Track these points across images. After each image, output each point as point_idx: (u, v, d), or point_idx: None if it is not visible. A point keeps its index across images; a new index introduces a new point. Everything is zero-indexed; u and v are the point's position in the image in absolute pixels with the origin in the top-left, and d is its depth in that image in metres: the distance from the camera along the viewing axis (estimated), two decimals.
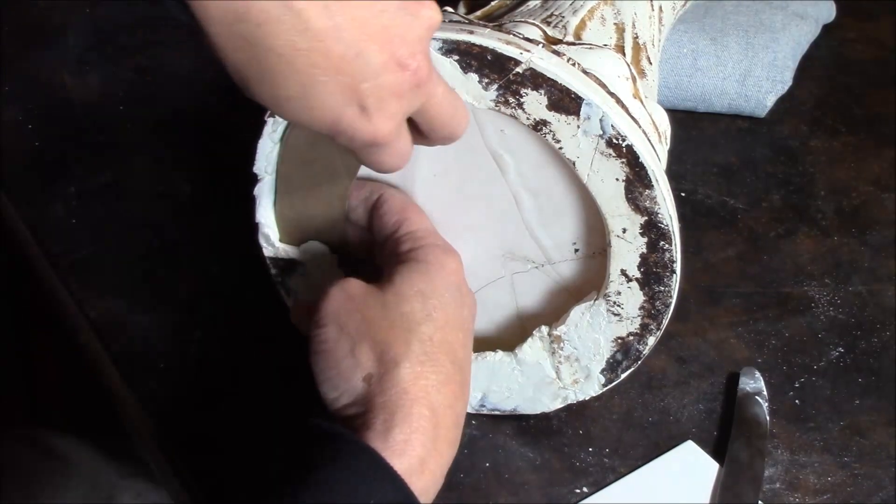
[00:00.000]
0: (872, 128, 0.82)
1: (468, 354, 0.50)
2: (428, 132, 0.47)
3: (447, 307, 0.49)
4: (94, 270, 0.69)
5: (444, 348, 0.48)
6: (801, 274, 0.70)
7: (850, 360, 0.64)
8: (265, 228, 0.57)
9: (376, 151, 0.45)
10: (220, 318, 0.66)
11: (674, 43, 0.81)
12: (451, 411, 0.47)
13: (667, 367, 0.63)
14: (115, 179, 0.76)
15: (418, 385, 0.46)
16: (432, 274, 0.50)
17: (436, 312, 0.49)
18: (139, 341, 0.64)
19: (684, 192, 0.75)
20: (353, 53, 0.41)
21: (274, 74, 0.41)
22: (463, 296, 0.51)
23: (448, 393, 0.47)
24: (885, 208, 0.75)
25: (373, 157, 0.45)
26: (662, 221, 0.51)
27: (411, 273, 0.50)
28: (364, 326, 0.48)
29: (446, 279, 0.50)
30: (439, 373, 0.47)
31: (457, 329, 0.49)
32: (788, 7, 0.85)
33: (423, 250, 0.51)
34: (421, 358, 0.47)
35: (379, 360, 0.47)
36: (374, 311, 0.49)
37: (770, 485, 0.57)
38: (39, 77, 0.84)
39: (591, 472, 0.58)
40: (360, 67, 0.41)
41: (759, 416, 0.60)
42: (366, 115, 0.43)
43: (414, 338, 0.48)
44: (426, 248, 0.51)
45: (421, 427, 0.45)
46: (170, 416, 0.60)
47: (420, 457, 0.45)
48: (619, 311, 0.54)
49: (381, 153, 0.45)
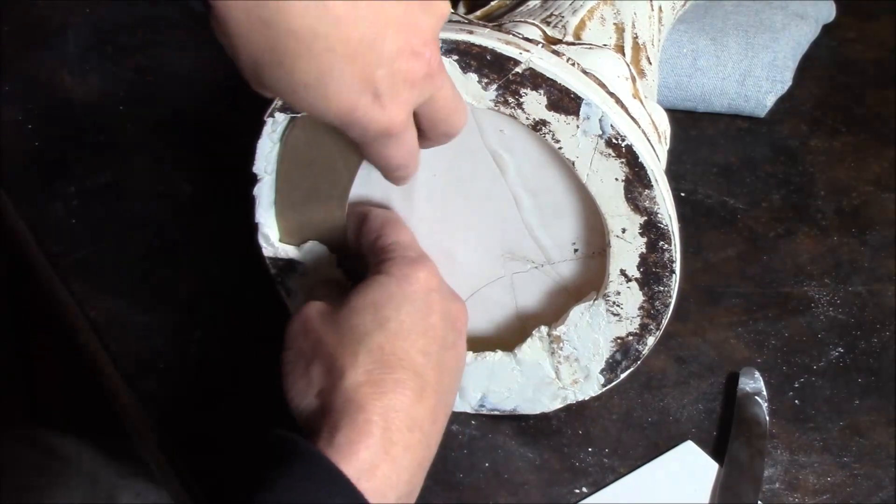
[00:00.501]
0: (872, 128, 0.82)
1: (435, 360, 0.50)
2: (429, 128, 0.48)
3: (404, 316, 0.50)
4: (94, 270, 0.69)
5: (397, 355, 0.49)
6: (800, 274, 0.70)
7: (849, 360, 0.64)
8: (265, 228, 0.57)
9: (387, 143, 0.46)
10: (220, 318, 0.66)
11: (674, 43, 0.81)
12: (404, 415, 0.47)
13: (666, 367, 0.63)
14: (115, 179, 0.76)
15: (362, 392, 0.47)
16: (390, 285, 0.50)
17: (389, 322, 0.49)
18: (139, 341, 0.64)
19: (684, 192, 0.75)
20: (370, 39, 0.42)
21: (292, 59, 0.41)
22: (430, 303, 0.51)
23: (401, 398, 0.48)
24: (885, 208, 0.75)
25: (383, 151, 0.46)
26: (662, 221, 0.51)
27: (368, 286, 0.51)
28: (317, 345, 0.50)
29: (406, 289, 0.50)
30: (390, 380, 0.48)
31: (417, 336, 0.50)
32: (788, 7, 0.85)
33: (389, 263, 0.52)
34: (369, 367, 0.48)
35: (328, 374, 0.48)
36: (326, 328, 0.50)
37: (770, 485, 0.57)
38: (39, 77, 0.84)
39: (591, 472, 0.58)
40: (376, 53, 0.42)
41: (759, 417, 0.60)
42: (379, 102, 0.43)
43: (362, 348, 0.48)
44: (393, 260, 0.52)
45: (366, 432, 0.46)
46: (170, 415, 0.60)
47: (368, 461, 0.46)
48: (618, 312, 0.54)
49: (392, 146, 0.46)
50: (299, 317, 0.52)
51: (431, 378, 0.50)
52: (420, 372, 0.49)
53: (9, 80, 0.84)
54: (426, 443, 0.49)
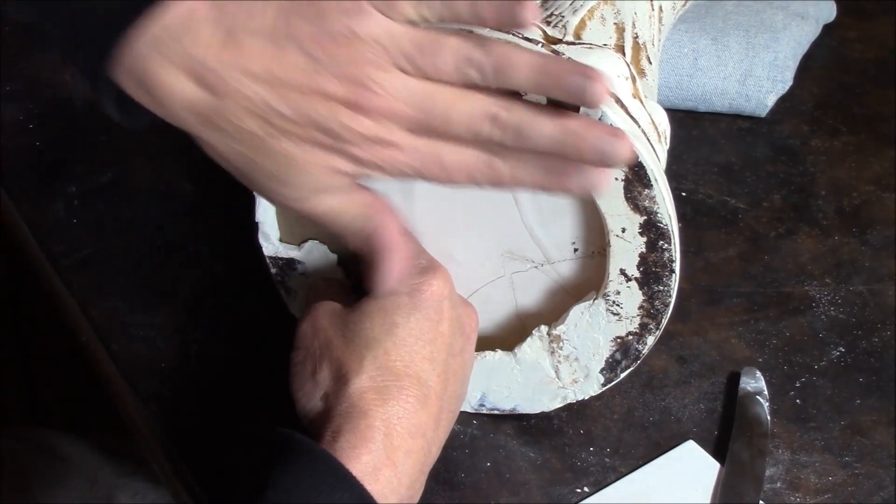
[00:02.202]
0: (873, 127, 0.82)
1: (441, 367, 0.50)
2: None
3: (413, 323, 0.50)
4: (94, 270, 0.69)
5: (404, 362, 0.49)
6: (801, 273, 0.70)
7: (850, 359, 0.64)
8: (265, 227, 0.57)
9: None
10: (221, 318, 0.66)
11: (674, 43, 0.81)
12: (407, 422, 0.48)
13: (668, 366, 0.63)
14: (115, 179, 0.76)
15: (366, 398, 0.47)
16: (401, 293, 0.51)
17: (398, 328, 0.49)
18: (140, 341, 0.64)
19: (685, 191, 0.75)
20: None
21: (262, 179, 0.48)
22: (441, 311, 0.51)
23: (404, 405, 0.48)
24: (885, 208, 0.75)
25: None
26: (661, 221, 0.51)
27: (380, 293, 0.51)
28: (326, 347, 0.50)
29: (418, 298, 0.50)
30: (394, 387, 0.48)
31: (425, 343, 0.50)
32: (789, 7, 0.85)
33: None
34: (374, 373, 0.48)
35: (335, 378, 0.49)
36: (336, 331, 0.50)
37: (771, 484, 0.57)
38: (40, 76, 0.84)
39: (592, 471, 0.58)
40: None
41: (760, 416, 0.60)
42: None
43: (369, 354, 0.49)
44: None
45: (369, 437, 0.46)
46: (171, 415, 0.60)
47: (370, 464, 0.46)
48: (618, 311, 0.54)
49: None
50: (310, 317, 0.52)
51: (436, 385, 0.50)
52: (425, 379, 0.49)
53: (9, 79, 0.84)
54: (428, 449, 0.49)
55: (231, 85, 0.44)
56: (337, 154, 0.45)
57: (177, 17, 0.43)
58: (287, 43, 0.43)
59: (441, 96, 0.45)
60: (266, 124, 0.44)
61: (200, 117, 0.45)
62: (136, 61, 0.44)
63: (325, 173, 0.46)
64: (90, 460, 0.81)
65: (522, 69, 0.44)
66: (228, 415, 0.60)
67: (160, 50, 0.43)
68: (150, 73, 0.44)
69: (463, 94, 0.45)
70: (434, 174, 0.47)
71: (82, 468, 0.80)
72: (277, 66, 0.43)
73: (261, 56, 0.43)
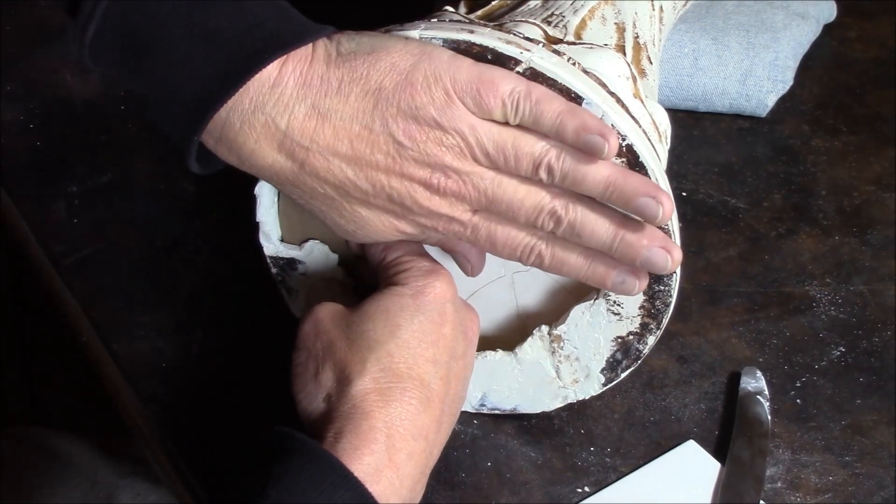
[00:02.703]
0: (873, 127, 0.82)
1: (443, 370, 0.50)
2: None
3: (416, 325, 0.50)
4: (95, 269, 0.69)
5: (406, 364, 0.49)
6: (802, 273, 0.70)
7: (851, 359, 0.64)
8: (266, 227, 0.57)
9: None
10: (222, 318, 0.66)
11: (675, 42, 0.81)
12: (409, 424, 0.48)
13: (668, 366, 0.63)
14: (116, 178, 0.76)
15: (369, 400, 0.48)
16: (405, 295, 0.51)
17: (401, 331, 0.50)
18: (140, 341, 0.64)
19: (685, 191, 0.75)
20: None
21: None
22: (444, 314, 0.51)
23: (406, 408, 0.48)
24: (886, 208, 0.75)
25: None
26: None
27: (383, 295, 0.51)
28: (329, 348, 0.50)
29: (421, 300, 0.51)
30: (397, 389, 0.48)
31: (427, 345, 0.50)
32: (789, 7, 0.85)
33: (404, 275, 0.52)
34: (376, 375, 0.48)
35: (337, 379, 0.49)
36: (338, 332, 0.51)
37: (771, 484, 0.57)
38: (41, 76, 0.84)
39: (593, 471, 0.58)
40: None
41: (761, 416, 0.60)
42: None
43: (371, 355, 0.49)
44: (407, 272, 0.52)
45: (371, 438, 0.46)
46: (171, 415, 0.60)
47: (372, 465, 0.46)
48: (618, 311, 0.54)
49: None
50: (312, 317, 0.52)
51: (438, 387, 0.50)
52: (427, 381, 0.49)
53: (9, 79, 0.84)
54: (430, 451, 0.49)
55: (318, 161, 0.48)
56: (404, 220, 0.50)
57: (266, 89, 0.47)
58: (378, 128, 0.47)
59: (510, 188, 0.49)
60: (344, 192, 0.49)
61: (283, 179, 0.50)
62: (228, 131, 0.48)
63: (391, 232, 0.51)
64: (90, 460, 0.81)
65: (594, 186, 0.48)
66: (228, 415, 0.60)
67: (251, 122, 0.48)
68: (238, 143, 0.48)
69: (530, 189, 0.49)
70: (483, 246, 0.51)
71: (82, 468, 0.80)
72: (366, 150, 0.48)
73: (350, 138, 0.48)
